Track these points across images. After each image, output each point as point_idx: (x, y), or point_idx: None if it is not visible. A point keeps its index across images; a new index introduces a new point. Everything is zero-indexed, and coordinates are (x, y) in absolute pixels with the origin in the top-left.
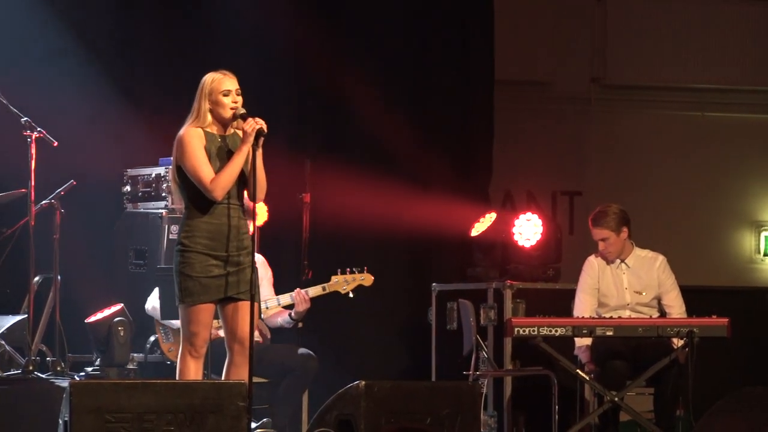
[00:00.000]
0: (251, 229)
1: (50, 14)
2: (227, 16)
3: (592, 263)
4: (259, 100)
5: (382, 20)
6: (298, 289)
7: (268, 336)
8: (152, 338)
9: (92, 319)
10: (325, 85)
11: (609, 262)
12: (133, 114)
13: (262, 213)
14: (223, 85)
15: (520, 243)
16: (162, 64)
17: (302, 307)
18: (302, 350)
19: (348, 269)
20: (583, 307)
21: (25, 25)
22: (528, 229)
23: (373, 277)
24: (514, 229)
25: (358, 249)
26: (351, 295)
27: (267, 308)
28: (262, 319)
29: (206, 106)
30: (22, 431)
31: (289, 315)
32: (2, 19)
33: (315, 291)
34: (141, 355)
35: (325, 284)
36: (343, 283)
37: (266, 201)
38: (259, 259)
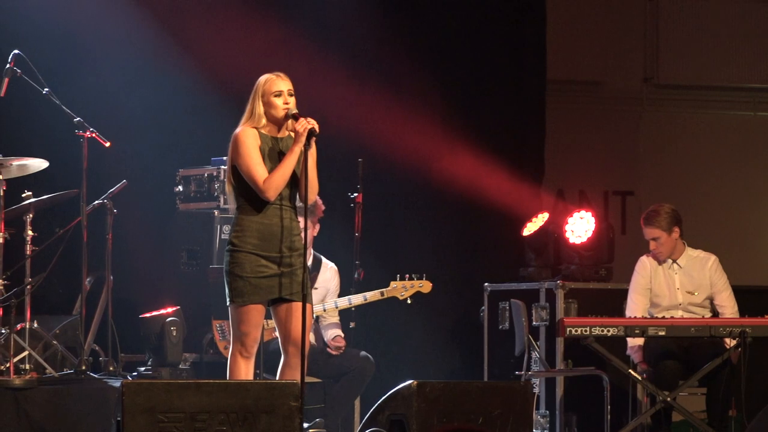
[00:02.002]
0: (315, 230)
1: (104, 13)
2: (283, 17)
3: (645, 263)
4: (312, 100)
5: (435, 21)
6: (337, 339)
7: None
8: (207, 337)
9: (146, 315)
10: (380, 86)
11: (661, 262)
12: (186, 114)
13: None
14: (275, 86)
15: (572, 240)
16: (216, 63)
17: (335, 352)
18: (360, 352)
19: (407, 275)
20: (636, 307)
21: (80, 24)
22: (580, 227)
23: (431, 284)
24: (567, 227)
25: (411, 249)
26: (409, 301)
27: (324, 310)
28: (317, 322)
29: (260, 107)
30: (74, 431)
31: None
32: (61, 19)
33: (373, 296)
34: (194, 354)
35: (383, 289)
36: (402, 289)
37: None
38: (333, 268)
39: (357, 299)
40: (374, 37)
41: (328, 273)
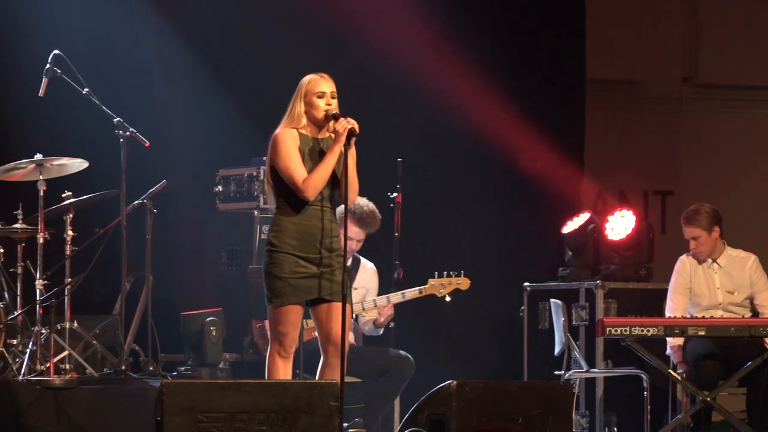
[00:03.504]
0: (361, 233)
1: (143, 16)
2: (324, 17)
3: (685, 263)
4: (351, 101)
5: (475, 22)
6: (381, 299)
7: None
8: (247, 338)
9: (188, 312)
10: (418, 86)
11: (700, 261)
12: (226, 114)
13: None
14: (318, 87)
15: (610, 237)
16: (257, 63)
17: (385, 319)
18: (399, 352)
19: (445, 272)
20: (675, 306)
21: (121, 27)
22: (620, 225)
23: (469, 281)
24: (607, 225)
25: (450, 249)
26: (448, 299)
27: (363, 309)
28: (357, 321)
29: (301, 107)
30: (114, 430)
31: (373, 323)
32: (99, 22)
33: (411, 294)
34: (234, 354)
35: (421, 287)
36: (440, 286)
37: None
38: (372, 267)
39: (396, 297)
40: (412, 39)
41: (367, 273)
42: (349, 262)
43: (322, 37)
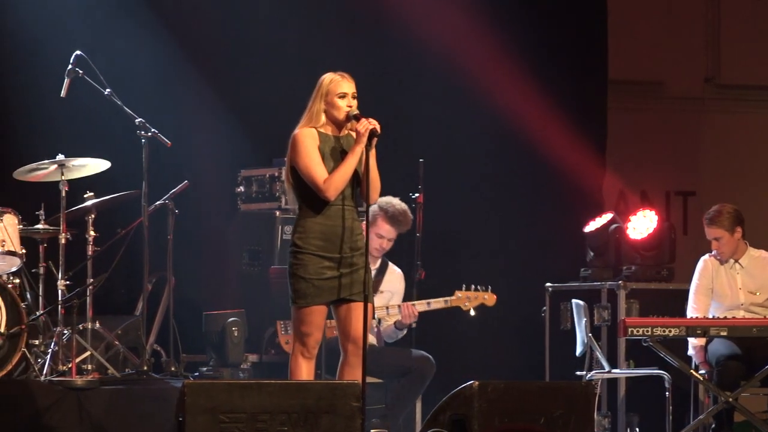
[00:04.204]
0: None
1: (162, 17)
2: (340, 16)
3: (707, 263)
4: (371, 100)
5: (496, 25)
6: (407, 303)
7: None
8: (269, 338)
9: (211, 312)
10: (441, 87)
11: (722, 262)
12: (247, 114)
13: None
14: (339, 88)
15: (632, 236)
16: (276, 64)
17: (408, 320)
18: (421, 352)
19: (473, 285)
20: (697, 307)
21: (138, 29)
22: (642, 224)
23: (495, 297)
24: (629, 224)
25: (472, 250)
26: (472, 313)
27: (388, 314)
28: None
29: (321, 106)
30: (136, 431)
31: (395, 324)
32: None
33: (437, 303)
34: (255, 355)
35: (448, 298)
36: (466, 299)
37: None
38: (399, 273)
39: (421, 305)
40: (432, 40)
41: (394, 277)
42: (377, 265)
43: (340, 35)
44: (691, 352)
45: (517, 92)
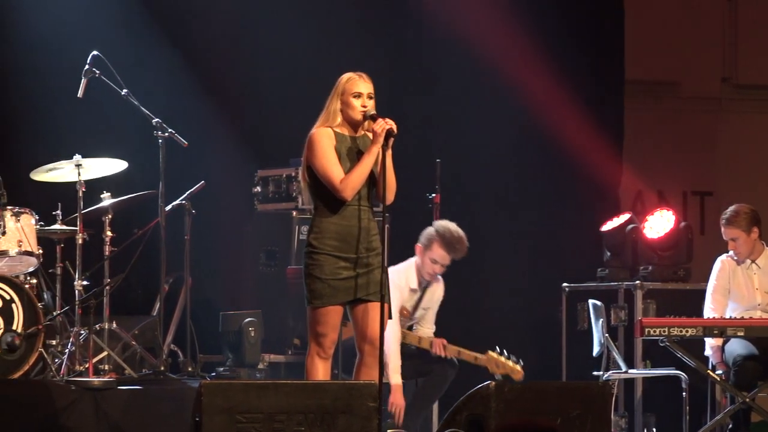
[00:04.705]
0: (447, 257)
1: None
2: (357, 15)
3: (724, 264)
4: (388, 100)
5: (514, 25)
6: (440, 340)
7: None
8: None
9: (229, 312)
10: (455, 86)
11: (739, 262)
12: (264, 114)
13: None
14: (356, 87)
15: (649, 236)
16: (293, 63)
17: (436, 352)
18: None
19: (506, 351)
20: (715, 307)
21: (153, 28)
22: (659, 224)
23: (523, 373)
24: (646, 224)
25: (490, 250)
26: (497, 377)
27: (419, 343)
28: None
29: (337, 105)
30: (153, 431)
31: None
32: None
33: (467, 356)
34: (272, 355)
35: (478, 355)
36: (495, 365)
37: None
38: (440, 279)
39: (451, 351)
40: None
41: (437, 292)
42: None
43: (357, 34)
44: (708, 352)
45: (534, 93)
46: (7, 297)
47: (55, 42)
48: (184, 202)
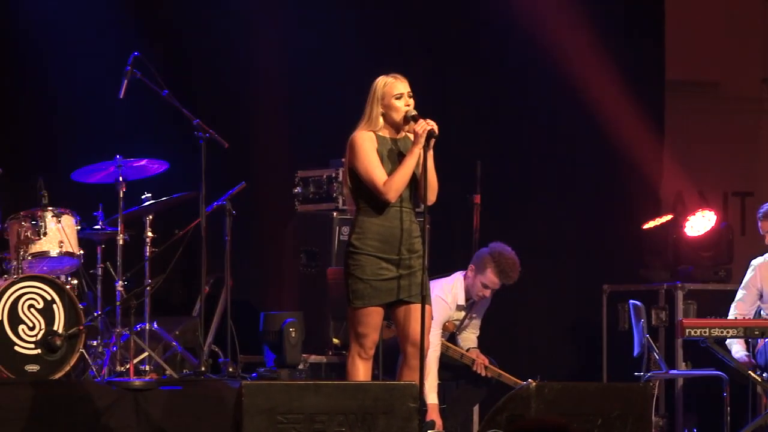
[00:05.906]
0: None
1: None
2: (390, 15)
3: (756, 271)
4: (430, 101)
5: (551, 25)
6: (483, 359)
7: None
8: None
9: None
10: (495, 87)
11: None
12: (305, 115)
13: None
14: (395, 89)
15: (689, 234)
16: (332, 64)
17: (477, 371)
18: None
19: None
20: (743, 305)
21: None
22: (700, 224)
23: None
24: (687, 224)
25: (529, 251)
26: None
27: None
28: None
29: (378, 109)
30: (194, 431)
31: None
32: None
33: (507, 380)
34: (313, 356)
35: (519, 381)
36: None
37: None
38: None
39: (492, 372)
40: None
41: (485, 300)
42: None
43: (392, 37)
44: (741, 353)
45: (574, 93)
46: (49, 298)
47: (97, 44)
48: (224, 202)
